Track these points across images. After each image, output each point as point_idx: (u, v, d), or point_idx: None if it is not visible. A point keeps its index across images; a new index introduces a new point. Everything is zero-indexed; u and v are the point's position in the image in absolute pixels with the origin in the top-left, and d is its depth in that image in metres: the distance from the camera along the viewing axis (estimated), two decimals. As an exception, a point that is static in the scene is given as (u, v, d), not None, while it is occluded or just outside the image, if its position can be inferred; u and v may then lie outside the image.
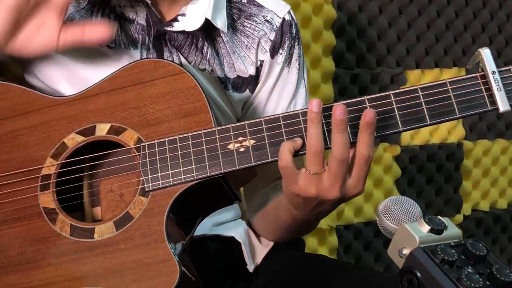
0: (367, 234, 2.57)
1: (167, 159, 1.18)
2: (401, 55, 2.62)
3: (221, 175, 1.16)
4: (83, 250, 1.18)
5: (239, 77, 1.42)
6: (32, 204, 1.22)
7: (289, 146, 1.12)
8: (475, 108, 1.12)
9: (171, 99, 1.21)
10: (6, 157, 1.25)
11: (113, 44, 1.33)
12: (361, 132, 1.10)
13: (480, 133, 2.87)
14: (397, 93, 1.13)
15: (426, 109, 1.12)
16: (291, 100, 1.47)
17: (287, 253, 1.48)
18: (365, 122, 1.09)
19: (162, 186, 1.17)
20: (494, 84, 1.09)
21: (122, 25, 1.34)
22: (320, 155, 1.10)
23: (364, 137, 1.10)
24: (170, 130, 1.20)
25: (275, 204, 1.36)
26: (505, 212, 2.98)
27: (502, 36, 2.90)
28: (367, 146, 1.10)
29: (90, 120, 1.23)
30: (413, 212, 0.98)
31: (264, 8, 1.43)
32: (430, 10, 2.69)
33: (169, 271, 1.12)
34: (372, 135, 1.10)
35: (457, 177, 2.81)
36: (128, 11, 1.34)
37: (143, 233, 1.16)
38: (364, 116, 1.09)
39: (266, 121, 1.16)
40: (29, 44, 1.13)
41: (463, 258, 0.87)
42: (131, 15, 1.34)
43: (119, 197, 1.27)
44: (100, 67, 1.29)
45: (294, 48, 1.46)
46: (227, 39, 1.39)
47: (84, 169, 1.27)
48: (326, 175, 1.11)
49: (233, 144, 1.16)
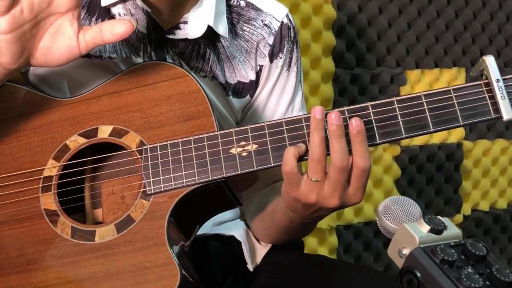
0: (367, 234, 2.58)
1: (169, 162, 1.18)
2: (401, 55, 2.62)
3: (223, 179, 1.16)
4: (83, 252, 1.18)
5: (240, 82, 1.42)
6: (33, 205, 1.22)
7: (294, 152, 1.12)
8: (478, 116, 1.11)
9: (174, 102, 1.21)
10: (8, 157, 1.25)
11: (114, 54, 1.33)
12: (352, 142, 1.10)
13: (480, 133, 2.87)
14: (400, 99, 1.13)
15: (429, 116, 1.12)
16: (290, 104, 1.48)
17: (286, 253, 1.48)
18: (351, 130, 1.09)
19: (163, 190, 1.17)
20: (498, 92, 1.09)
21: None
22: (322, 162, 1.10)
23: (355, 147, 1.10)
24: (173, 133, 1.19)
25: (272, 206, 1.35)
26: (505, 212, 2.98)
27: (502, 36, 2.89)
28: (361, 156, 1.10)
29: (92, 122, 1.23)
30: (413, 212, 0.97)
31: (262, 11, 1.43)
32: (430, 10, 2.68)
33: (170, 274, 1.12)
34: (364, 144, 1.10)
35: (457, 177, 2.81)
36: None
37: (144, 236, 1.16)
38: (350, 126, 1.09)
39: (269, 126, 1.16)
40: (50, 56, 1.11)
41: (463, 258, 0.87)
42: None
43: (120, 199, 1.27)
44: (102, 77, 1.28)
45: (293, 52, 1.46)
46: (227, 44, 1.39)
47: (85, 171, 1.27)
48: (326, 182, 1.11)
49: (236, 148, 1.16)
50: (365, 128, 1.10)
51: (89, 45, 1.11)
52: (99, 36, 1.10)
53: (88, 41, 1.11)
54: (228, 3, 1.41)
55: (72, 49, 1.11)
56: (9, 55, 1.08)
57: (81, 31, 1.11)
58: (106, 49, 1.33)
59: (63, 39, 1.11)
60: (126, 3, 1.32)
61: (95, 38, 1.11)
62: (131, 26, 1.09)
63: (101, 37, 1.10)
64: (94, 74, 1.32)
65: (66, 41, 1.11)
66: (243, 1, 1.43)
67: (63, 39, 1.11)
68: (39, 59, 1.12)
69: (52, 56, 1.12)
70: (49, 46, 1.11)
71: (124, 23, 1.09)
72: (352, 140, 1.10)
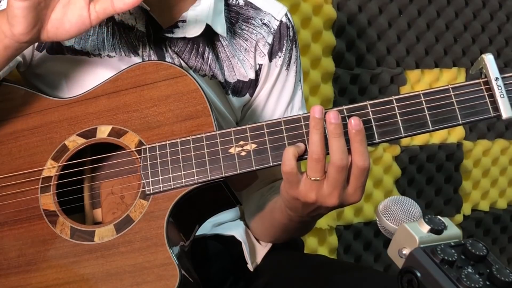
0: (367, 234, 2.58)
1: (168, 162, 1.17)
2: (401, 55, 2.62)
3: (222, 179, 1.16)
4: (83, 253, 1.18)
5: (240, 81, 1.42)
6: (33, 206, 1.22)
7: (294, 151, 1.12)
8: (477, 114, 1.11)
9: (173, 102, 1.21)
10: (7, 158, 1.25)
11: (113, 53, 1.33)
12: (351, 142, 1.10)
13: (480, 133, 2.87)
14: (399, 98, 1.13)
15: (428, 115, 1.12)
16: (289, 102, 1.48)
17: (286, 253, 1.48)
18: (350, 129, 1.09)
19: (162, 190, 1.17)
20: (497, 90, 1.09)
21: (122, 33, 1.33)
22: (322, 161, 1.10)
23: (354, 146, 1.10)
24: (171, 133, 1.19)
25: (271, 205, 1.35)
26: (505, 212, 2.98)
27: (502, 36, 2.89)
28: (360, 155, 1.10)
29: (91, 122, 1.23)
30: (413, 212, 0.97)
31: (261, 11, 1.43)
32: (430, 10, 2.68)
33: (169, 275, 1.12)
34: (363, 143, 1.10)
35: (457, 177, 2.81)
36: (127, 18, 1.33)
37: (144, 237, 1.15)
38: (349, 125, 1.09)
39: (268, 125, 1.16)
40: (61, 28, 1.11)
41: (463, 258, 0.87)
42: (130, 22, 1.33)
43: (119, 199, 1.27)
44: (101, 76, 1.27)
45: (292, 51, 1.46)
46: (226, 43, 1.39)
47: (85, 171, 1.27)
48: (325, 182, 1.11)
49: (235, 148, 1.16)
50: (364, 128, 1.10)
51: (100, 15, 1.11)
52: (110, 5, 1.10)
53: (99, 11, 1.11)
54: (226, 2, 1.41)
55: (83, 20, 1.11)
56: (24, 23, 1.08)
57: (91, 1, 1.11)
58: (105, 48, 1.33)
59: (74, 10, 1.10)
60: None
61: (106, 8, 1.10)
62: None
63: (112, 7, 1.10)
64: (92, 73, 1.32)
65: (77, 11, 1.10)
66: (241, 0, 1.43)
67: (74, 10, 1.10)
68: (50, 31, 1.12)
69: (64, 28, 1.12)
70: (60, 18, 1.11)
71: None
72: (351, 140, 1.10)
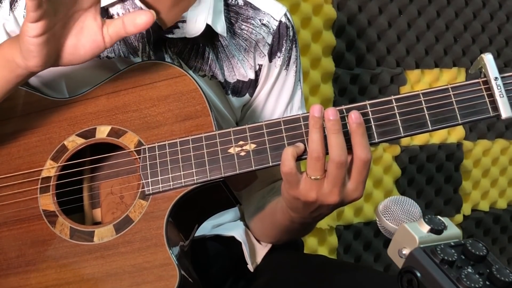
0: (367, 234, 2.58)
1: (168, 162, 1.17)
2: (401, 55, 2.62)
3: (222, 179, 1.16)
4: (82, 253, 1.17)
5: (239, 81, 1.41)
6: (32, 206, 1.22)
7: (293, 152, 1.12)
8: (477, 114, 1.11)
9: (172, 102, 1.21)
10: (6, 158, 1.25)
11: (112, 54, 1.32)
12: (353, 135, 1.11)
13: (480, 133, 2.87)
14: (399, 98, 1.13)
15: (428, 114, 1.11)
16: (289, 102, 1.48)
17: (286, 253, 1.48)
18: (351, 123, 1.10)
19: (162, 190, 1.16)
20: (496, 90, 1.08)
21: None
22: (321, 160, 1.10)
23: (356, 139, 1.10)
24: (171, 133, 1.19)
25: (272, 206, 1.35)
26: (505, 212, 2.99)
27: (502, 36, 2.90)
28: (363, 148, 1.10)
29: (90, 122, 1.23)
30: (413, 212, 0.97)
31: (260, 11, 1.43)
32: (430, 10, 2.69)
33: (169, 275, 1.12)
34: (365, 136, 1.11)
35: (457, 177, 2.81)
36: None
37: (143, 237, 1.15)
38: (349, 119, 1.10)
39: (267, 125, 1.15)
40: (76, 53, 1.12)
41: (463, 258, 0.87)
42: None
43: (119, 199, 1.27)
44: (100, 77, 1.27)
45: (292, 51, 1.46)
46: (226, 43, 1.39)
47: (84, 171, 1.27)
48: (325, 179, 1.11)
49: (234, 148, 1.16)
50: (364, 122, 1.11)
51: (113, 38, 1.11)
52: (122, 28, 1.10)
53: (112, 34, 1.11)
54: (226, 2, 1.41)
55: (98, 43, 1.11)
56: (39, 57, 1.08)
57: (104, 25, 1.11)
58: None
59: (88, 35, 1.11)
60: (125, 3, 1.31)
61: (118, 31, 1.11)
62: (151, 17, 1.09)
63: (124, 29, 1.10)
64: (92, 74, 1.31)
65: (91, 36, 1.11)
66: (241, 0, 1.43)
67: (88, 35, 1.11)
68: (65, 58, 1.12)
69: (79, 53, 1.12)
70: (75, 44, 1.11)
71: (145, 14, 1.09)
72: (352, 133, 1.10)
